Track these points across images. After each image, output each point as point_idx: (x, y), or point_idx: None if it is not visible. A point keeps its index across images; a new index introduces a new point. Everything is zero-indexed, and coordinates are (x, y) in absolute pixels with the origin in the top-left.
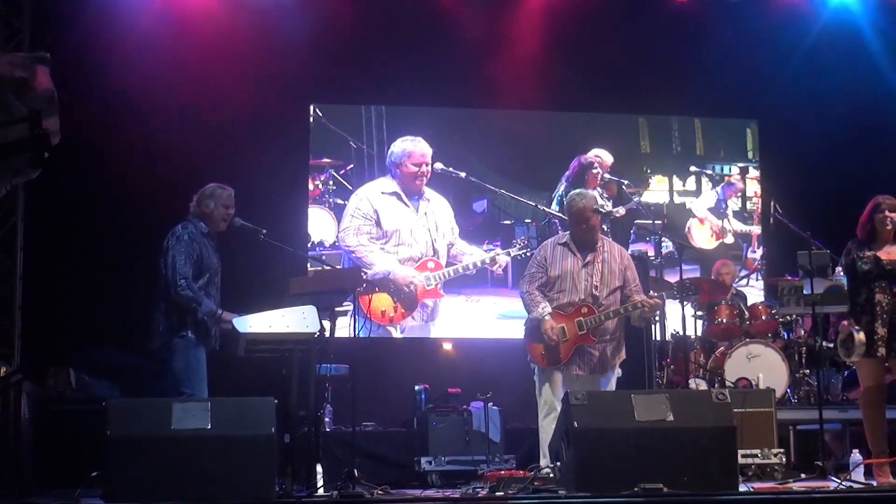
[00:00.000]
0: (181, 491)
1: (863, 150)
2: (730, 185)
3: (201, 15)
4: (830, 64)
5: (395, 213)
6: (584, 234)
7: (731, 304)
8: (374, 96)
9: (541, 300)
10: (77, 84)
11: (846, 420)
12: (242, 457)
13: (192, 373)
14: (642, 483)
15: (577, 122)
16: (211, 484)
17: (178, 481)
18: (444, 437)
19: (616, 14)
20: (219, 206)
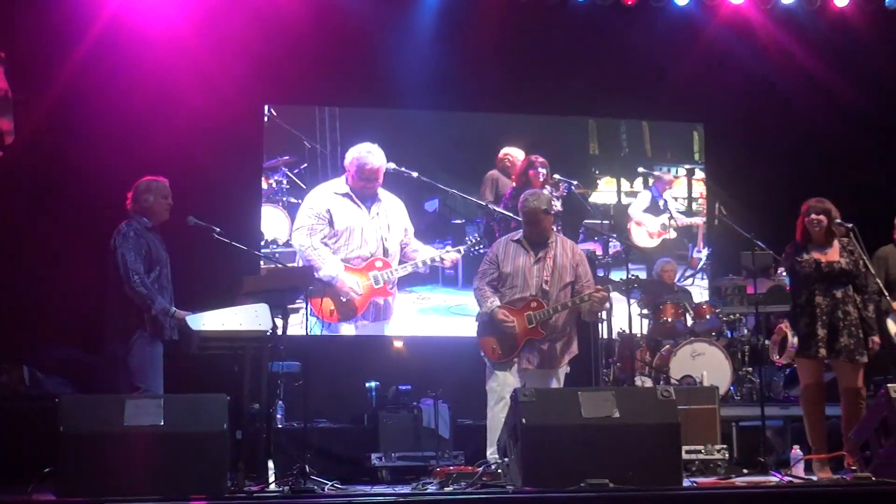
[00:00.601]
0: (134, 486)
1: (804, 154)
2: (659, 180)
3: (156, 17)
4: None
5: (346, 213)
6: (537, 232)
7: (676, 303)
8: (327, 97)
9: (490, 295)
10: (31, 84)
11: (787, 417)
12: (195, 452)
13: (147, 368)
14: (588, 478)
15: (528, 124)
16: (163, 479)
17: (131, 477)
18: (394, 434)
19: (567, 20)
20: (158, 197)
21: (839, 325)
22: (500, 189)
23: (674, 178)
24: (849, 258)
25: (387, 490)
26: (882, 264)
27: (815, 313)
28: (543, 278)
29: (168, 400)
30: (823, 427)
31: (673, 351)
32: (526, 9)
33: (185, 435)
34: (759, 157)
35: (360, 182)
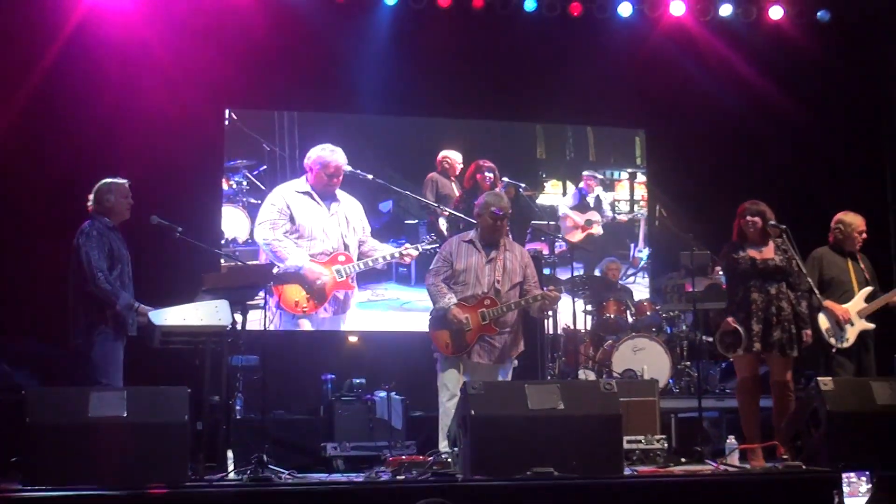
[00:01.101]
0: (98, 475)
1: (741, 158)
2: (590, 179)
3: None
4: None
5: (307, 210)
6: (492, 233)
7: (619, 300)
8: (286, 102)
9: (447, 291)
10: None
11: (723, 408)
12: (156, 443)
13: (109, 364)
14: (534, 467)
15: (478, 129)
16: (126, 469)
17: (95, 466)
18: (349, 425)
19: (517, 29)
20: (119, 198)
21: (773, 321)
22: (440, 190)
23: (600, 179)
24: (783, 257)
25: (341, 478)
26: (816, 264)
27: (751, 309)
28: (496, 278)
29: (131, 392)
30: (757, 418)
31: (615, 346)
32: (478, 19)
33: (147, 426)
34: (697, 161)
35: (323, 179)
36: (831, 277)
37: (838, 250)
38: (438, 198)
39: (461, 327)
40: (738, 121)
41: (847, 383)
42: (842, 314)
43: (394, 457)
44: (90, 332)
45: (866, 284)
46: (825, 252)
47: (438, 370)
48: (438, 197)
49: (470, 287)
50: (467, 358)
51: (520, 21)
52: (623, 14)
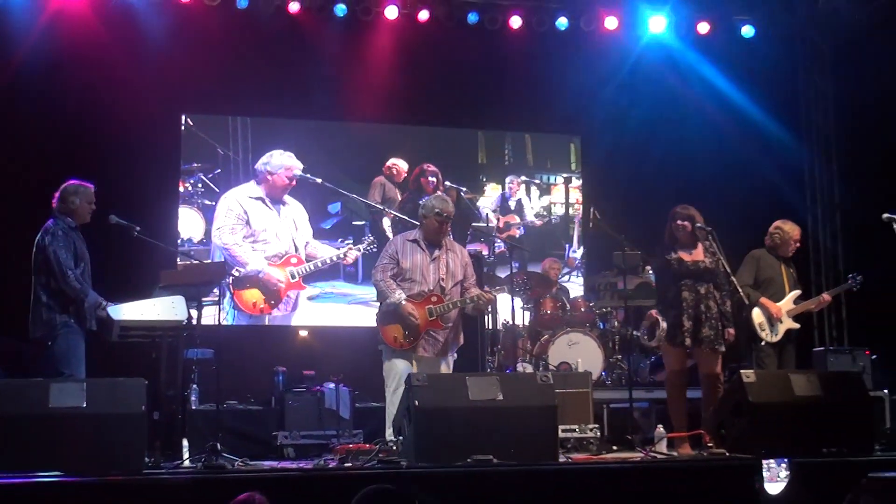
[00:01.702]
0: (58, 464)
1: (671, 164)
2: (511, 183)
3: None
4: (643, 87)
5: (261, 214)
6: (436, 234)
7: (555, 297)
8: (240, 108)
9: (396, 288)
10: None
11: (653, 399)
12: (115, 432)
13: (71, 356)
14: (474, 455)
15: (423, 135)
16: (86, 457)
17: (55, 455)
18: (299, 415)
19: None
20: (83, 202)
21: (702, 318)
22: (387, 193)
23: (521, 182)
24: (711, 258)
25: (292, 465)
26: (754, 263)
27: (682, 306)
28: (440, 276)
29: (90, 384)
30: (684, 408)
31: (551, 340)
32: (423, 31)
33: (105, 416)
34: (629, 166)
35: (283, 183)
36: (767, 277)
37: (774, 254)
38: (384, 200)
39: (411, 322)
40: (669, 129)
41: (768, 376)
42: (775, 312)
43: (342, 445)
44: (53, 326)
45: (795, 288)
46: (763, 254)
47: (384, 363)
48: (384, 200)
49: (416, 284)
50: (412, 351)
51: (462, 33)
52: (560, 27)
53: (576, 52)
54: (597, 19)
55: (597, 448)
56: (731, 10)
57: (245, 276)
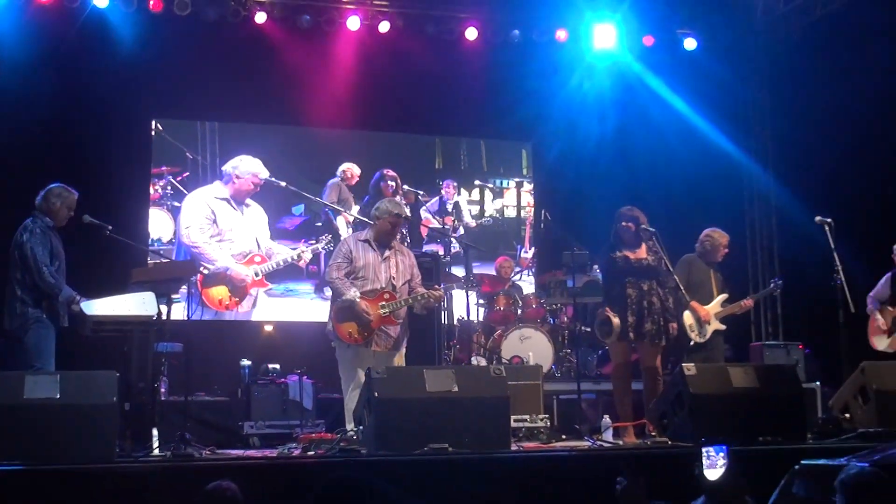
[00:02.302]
0: (32, 453)
1: (618, 169)
2: (447, 188)
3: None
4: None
5: (227, 215)
6: (387, 236)
7: (508, 295)
8: (208, 113)
9: (351, 286)
10: None
11: (599, 391)
12: (87, 423)
13: (42, 350)
14: (431, 444)
15: (382, 140)
16: (59, 447)
17: (30, 444)
18: (264, 406)
19: (418, 51)
20: (64, 206)
21: (645, 313)
22: (342, 195)
23: (457, 186)
24: (654, 257)
25: (257, 454)
26: (686, 267)
27: (626, 303)
28: (391, 275)
29: (63, 376)
30: (629, 399)
31: (504, 335)
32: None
33: (78, 407)
34: (578, 171)
35: (249, 187)
36: (697, 282)
37: (704, 259)
38: (339, 202)
39: (366, 318)
40: (616, 136)
41: (708, 369)
42: (704, 315)
43: (305, 434)
44: (26, 319)
45: (723, 292)
46: (693, 259)
47: (339, 358)
48: (339, 201)
49: (369, 282)
50: (366, 346)
51: (421, 44)
52: (513, 39)
53: (528, 62)
54: (548, 32)
55: (547, 437)
56: (675, 24)
57: (213, 272)
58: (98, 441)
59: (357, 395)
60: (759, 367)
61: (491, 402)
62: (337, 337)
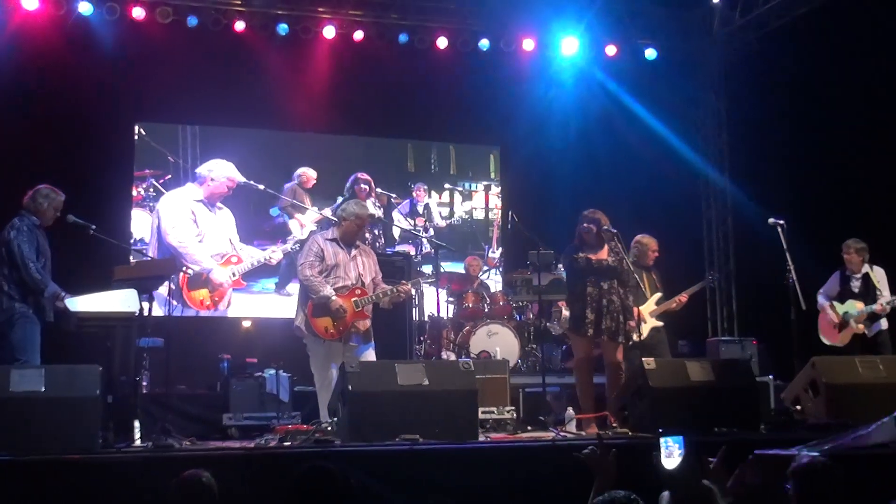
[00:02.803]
0: (18, 444)
1: (582, 173)
2: (417, 191)
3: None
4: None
5: (205, 216)
6: (353, 236)
7: (476, 292)
8: (189, 117)
9: (325, 283)
10: None
11: (563, 384)
12: (71, 415)
13: (27, 344)
14: (402, 434)
15: (357, 145)
16: (44, 438)
17: (16, 436)
18: (242, 398)
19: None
20: (50, 207)
21: (604, 311)
22: (297, 197)
23: (426, 189)
24: (615, 258)
25: (235, 444)
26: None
27: (587, 300)
28: (360, 272)
29: (48, 370)
30: (592, 393)
31: (472, 331)
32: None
33: (62, 399)
34: (544, 174)
35: (223, 190)
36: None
37: (636, 264)
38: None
39: (341, 314)
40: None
41: (667, 363)
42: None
43: (281, 426)
44: (11, 314)
45: (656, 292)
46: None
47: (311, 354)
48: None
49: (341, 279)
50: (340, 341)
51: (394, 52)
52: (482, 48)
53: (497, 70)
54: (515, 41)
55: (513, 428)
56: (636, 34)
57: (196, 275)
58: (82, 432)
59: (331, 388)
60: (715, 361)
61: (460, 395)
62: (312, 333)
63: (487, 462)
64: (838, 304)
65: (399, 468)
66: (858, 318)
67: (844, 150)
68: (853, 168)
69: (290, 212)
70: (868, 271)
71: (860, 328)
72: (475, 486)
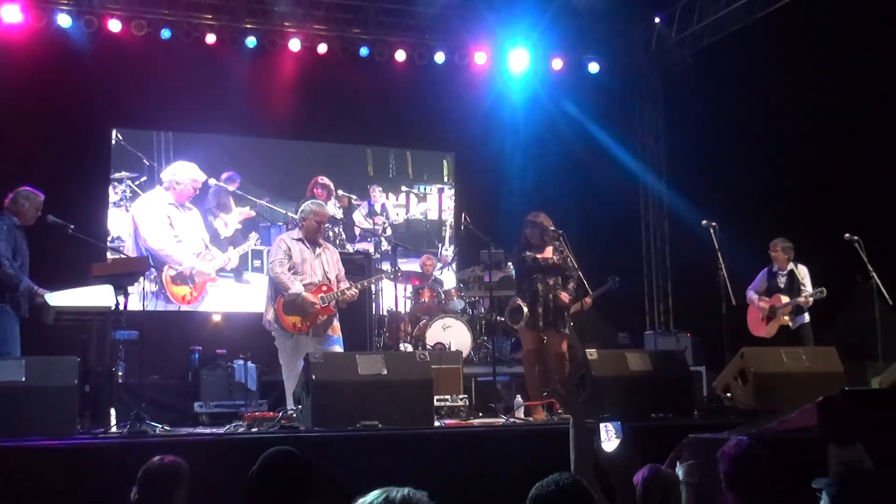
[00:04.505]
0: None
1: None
2: (372, 192)
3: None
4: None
5: (178, 218)
6: (314, 235)
7: (431, 288)
8: (163, 124)
9: (295, 280)
10: None
11: (512, 374)
12: (50, 403)
13: (8, 336)
14: (363, 421)
15: (320, 150)
16: (24, 425)
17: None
18: (212, 387)
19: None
20: (31, 207)
21: (551, 305)
22: (221, 199)
23: (382, 191)
24: (559, 256)
25: (206, 431)
26: None
27: (536, 296)
28: (325, 269)
29: (28, 361)
30: (539, 382)
31: (429, 324)
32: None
33: (42, 389)
34: (494, 178)
35: (189, 193)
36: None
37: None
38: (218, 205)
39: (311, 310)
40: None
41: (608, 354)
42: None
43: (249, 413)
44: None
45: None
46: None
47: (280, 346)
48: (219, 205)
49: (307, 276)
50: (305, 335)
51: (355, 64)
52: (438, 61)
53: (451, 81)
54: (468, 55)
55: (466, 415)
56: (580, 49)
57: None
58: (60, 420)
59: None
60: (652, 352)
61: (416, 384)
62: (281, 327)
63: (442, 446)
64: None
65: (359, 453)
66: (784, 312)
67: (772, 158)
68: (780, 173)
69: (214, 213)
70: (793, 268)
71: (786, 320)
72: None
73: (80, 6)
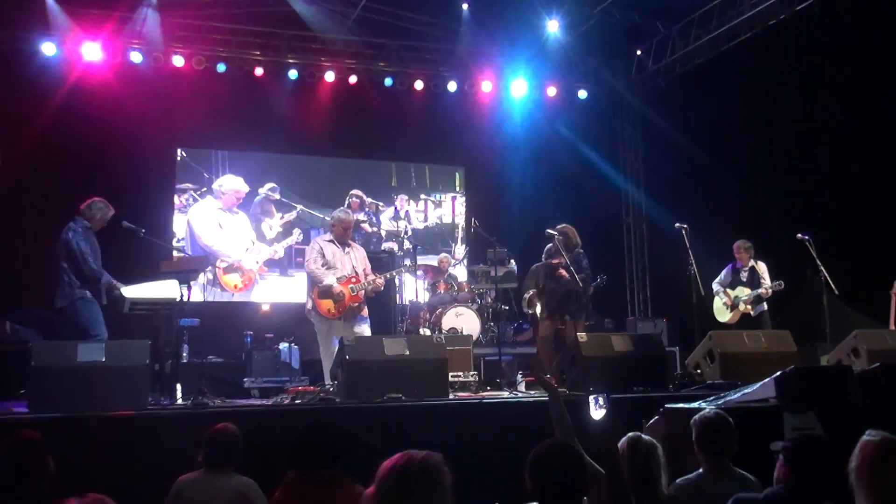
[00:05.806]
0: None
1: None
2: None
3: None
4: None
5: (226, 221)
6: (342, 236)
7: (446, 282)
8: (220, 143)
9: (328, 273)
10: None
11: (515, 354)
12: (126, 380)
13: (94, 321)
14: (388, 394)
15: (350, 165)
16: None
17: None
18: (261, 366)
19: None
20: (101, 217)
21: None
22: (265, 208)
23: (408, 199)
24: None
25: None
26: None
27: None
28: (353, 264)
29: (108, 344)
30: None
31: (444, 312)
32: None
33: (119, 368)
34: (499, 189)
35: (232, 202)
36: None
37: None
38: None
39: (341, 297)
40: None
41: (595, 337)
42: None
43: (293, 387)
44: (73, 299)
45: None
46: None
47: (317, 331)
48: (262, 212)
49: (338, 270)
50: (339, 319)
51: (380, 92)
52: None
53: (461, 106)
54: (476, 84)
55: (475, 389)
56: (572, 79)
57: (230, 264)
58: (135, 394)
59: (332, 357)
60: (633, 335)
61: (434, 363)
62: (318, 313)
63: (455, 415)
64: (731, 291)
65: (385, 421)
66: (747, 301)
67: (735, 169)
68: (742, 183)
69: (260, 218)
70: (753, 264)
71: (748, 308)
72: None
73: (148, 45)
